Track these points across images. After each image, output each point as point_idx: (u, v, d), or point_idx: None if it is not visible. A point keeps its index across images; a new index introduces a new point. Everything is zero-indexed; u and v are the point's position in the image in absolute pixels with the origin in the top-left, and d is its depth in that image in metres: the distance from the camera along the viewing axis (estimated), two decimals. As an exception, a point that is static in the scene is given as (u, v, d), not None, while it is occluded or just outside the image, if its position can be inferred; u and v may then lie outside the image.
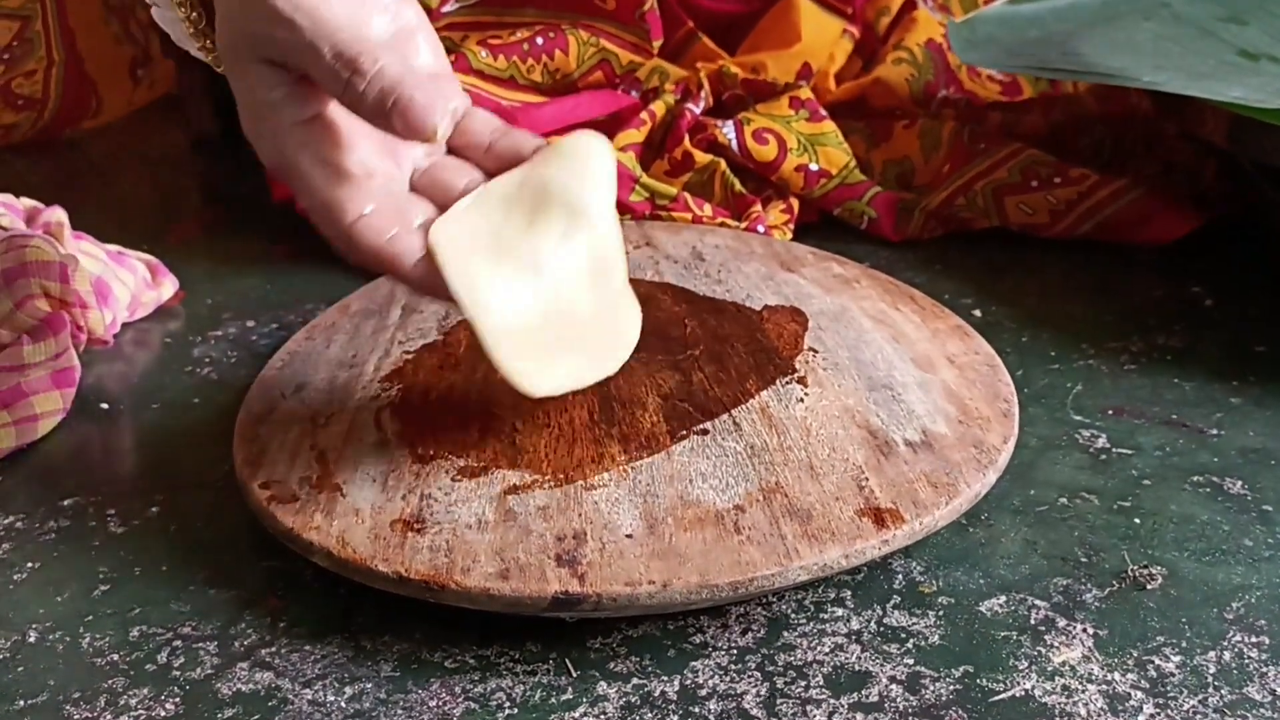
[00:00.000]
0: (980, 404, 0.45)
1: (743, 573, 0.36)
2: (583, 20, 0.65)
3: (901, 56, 0.70)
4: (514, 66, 0.64)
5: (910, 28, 0.75)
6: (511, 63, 0.64)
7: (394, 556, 0.38)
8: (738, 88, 0.71)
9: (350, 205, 0.38)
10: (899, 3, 0.76)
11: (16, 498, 0.47)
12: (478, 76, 0.63)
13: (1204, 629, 0.38)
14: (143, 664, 0.38)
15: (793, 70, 0.73)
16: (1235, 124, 0.54)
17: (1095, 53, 0.60)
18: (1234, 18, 0.64)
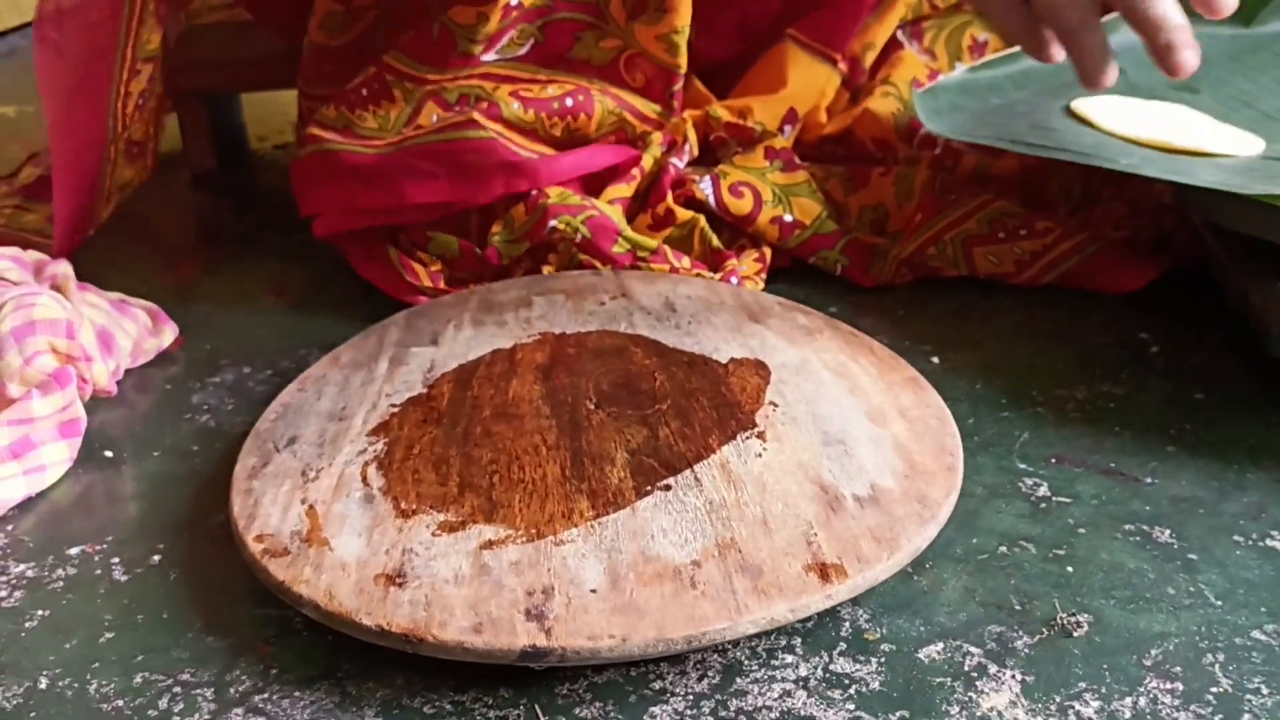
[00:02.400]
0: (927, 458, 0.48)
1: (696, 627, 0.39)
2: (611, 90, 0.68)
3: (889, 90, 0.74)
4: (540, 121, 0.67)
5: (896, 65, 0.78)
6: (539, 117, 0.67)
7: (377, 610, 0.41)
8: (721, 130, 0.74)
9: None
10: (884, 40, 0.79)
11: (27, 546, 0.50)
12: (504, 125, 0.66)
13: (1123, 675, 0.41)
14: (145, 710, 0.41)
15: (779, 115, 0.76)
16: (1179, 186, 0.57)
17: (1066, 129, 0.63)
18: (1185, 86, 0.67)
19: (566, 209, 0.66)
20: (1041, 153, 0.60)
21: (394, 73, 0.67)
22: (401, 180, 0.65)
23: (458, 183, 0.65)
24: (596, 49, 0.69)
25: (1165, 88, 0.73)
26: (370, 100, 0.66)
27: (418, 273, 0.66)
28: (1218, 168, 0.58)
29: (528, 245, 0.66)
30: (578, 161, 0.67)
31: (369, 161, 0.66)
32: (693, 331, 0.59)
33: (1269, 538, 0.47)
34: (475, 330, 0.60)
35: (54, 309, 0.56)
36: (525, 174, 0.65)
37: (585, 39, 0.68)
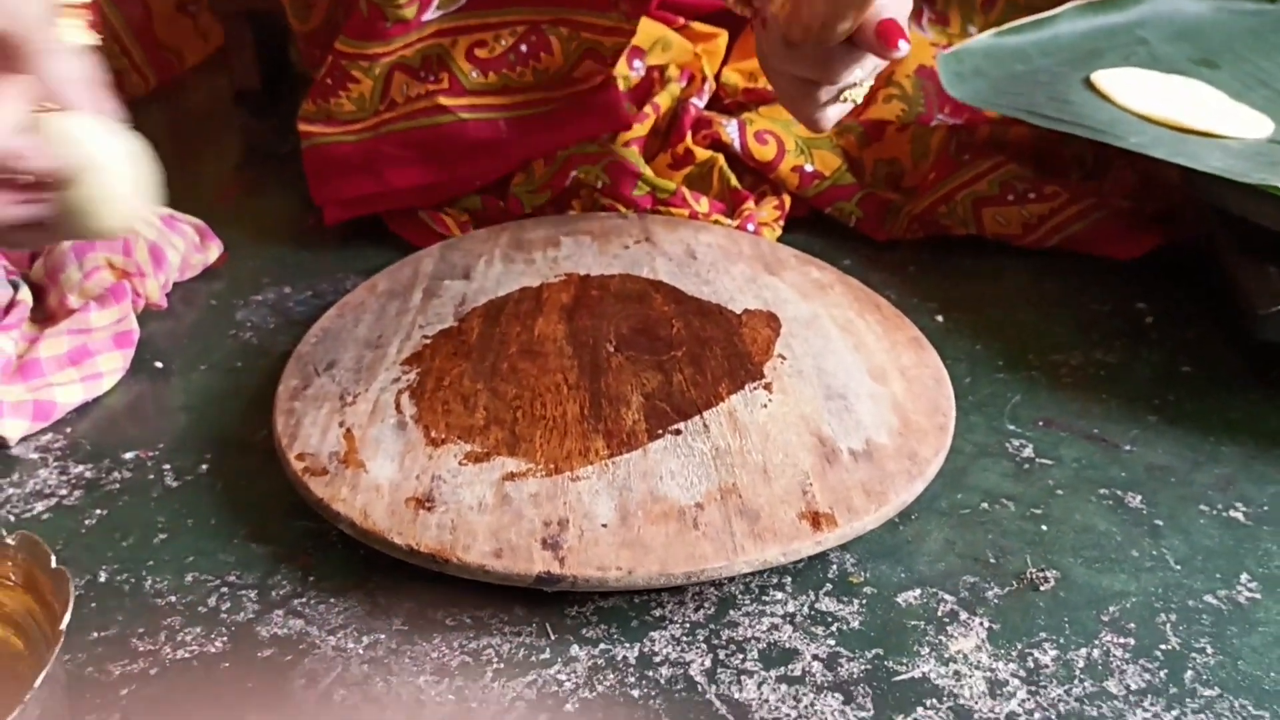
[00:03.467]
0: (921, 417, 0.52)
1: (696, 564, 0.43)
2: (562, 15, 0.67)
3: (891, 93, 0.74)
4: (505, 78, 0.67)
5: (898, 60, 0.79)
6: (502, 75, 0.67)
7: (407, 531, 0.45)
8: (739, 95, 0.76)
9: None
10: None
11: (84, 448, 0.55)
12: (473, 95, 0.67)
13: (1081, 628, 0.45)
14: (195, 606, 0.46)
15: None
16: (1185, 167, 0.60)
17: (1083, 103, 0.65)
18: (1206, 60, 0.69)
19: (585, 158, 0.69)
20: (1057, 126, 0.63)
21: (345, 56, 0.67)
22: (383, 167, 0.67)
23: (435, 168, 0.67)
24: None
25: (1186, 62, 0.75)
26: (337, 87, 0.68)
27: (447, 224, 0.69)
28: (1225, 151, 0.61)
29: (549, 195, 0.69)
30: (552, 139, 0.68)
31: (351, 150, 0.68)
32: (711, 280, 0.62)
33: (1233, 509, 0.51)
34: (505, 267, 0.64)
35: (112, 229, 0.59)
36: (499, 155, 0.67)
37: None
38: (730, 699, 0.42)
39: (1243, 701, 0.42)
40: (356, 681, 0.42)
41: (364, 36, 0.66)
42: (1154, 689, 0.42)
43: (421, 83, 0.67)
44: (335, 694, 0.42)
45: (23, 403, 0.55)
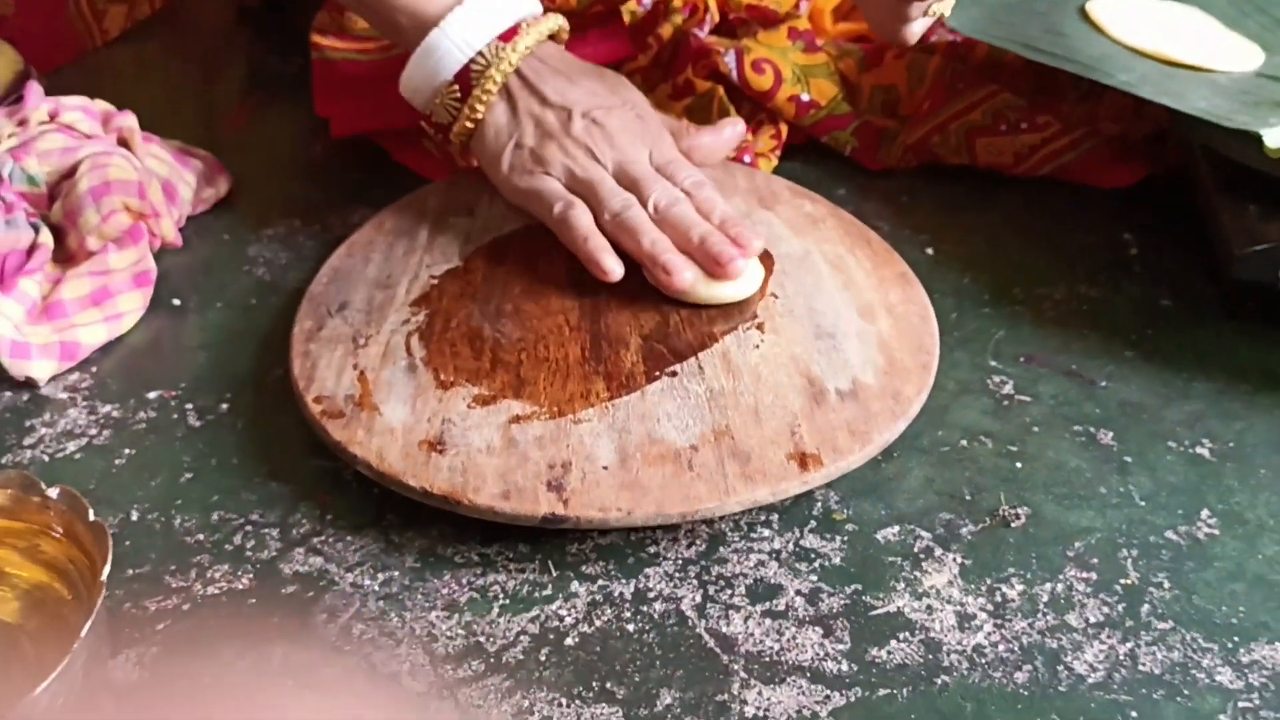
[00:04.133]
0: (906, 356, 0.54)
1: (690, 505, 0.46)
2: None
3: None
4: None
5: None
6: None
7: (420, 473, 0.48)
8: (742, 12, 0.77)
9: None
10: None
11: (110, 388, 0.58)
12: None
13: (1047, 564, 0.48)
14: (222, 544, 0.49)
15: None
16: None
17: (1076, 35, 0.65)
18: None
19: None
20: (1049, 60, 0.64)
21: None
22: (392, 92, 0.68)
23: None
24: None
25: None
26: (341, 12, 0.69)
27: (454, 158, 0.71)
28: (1211, 88, 0.62)
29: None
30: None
31: (363, 70, 0.69)
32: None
33: (1199, 445, 0.54)
34: (507, 204, 0.66)
35: (126, 169, 0.61)
36: None
37: None
38: (718, 633, 0.45)
39: (1194, 634, 0.45)
40: (373, 617, 0.46)
41: None
42: (1111, 622, 0.45)
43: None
44: (354, 629, 0.45)
45: (50, 344, 0.57)
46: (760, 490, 0.47)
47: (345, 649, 0.45)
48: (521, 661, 0.44)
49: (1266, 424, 0.55)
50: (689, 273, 0.55)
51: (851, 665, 0.44)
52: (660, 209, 0.57)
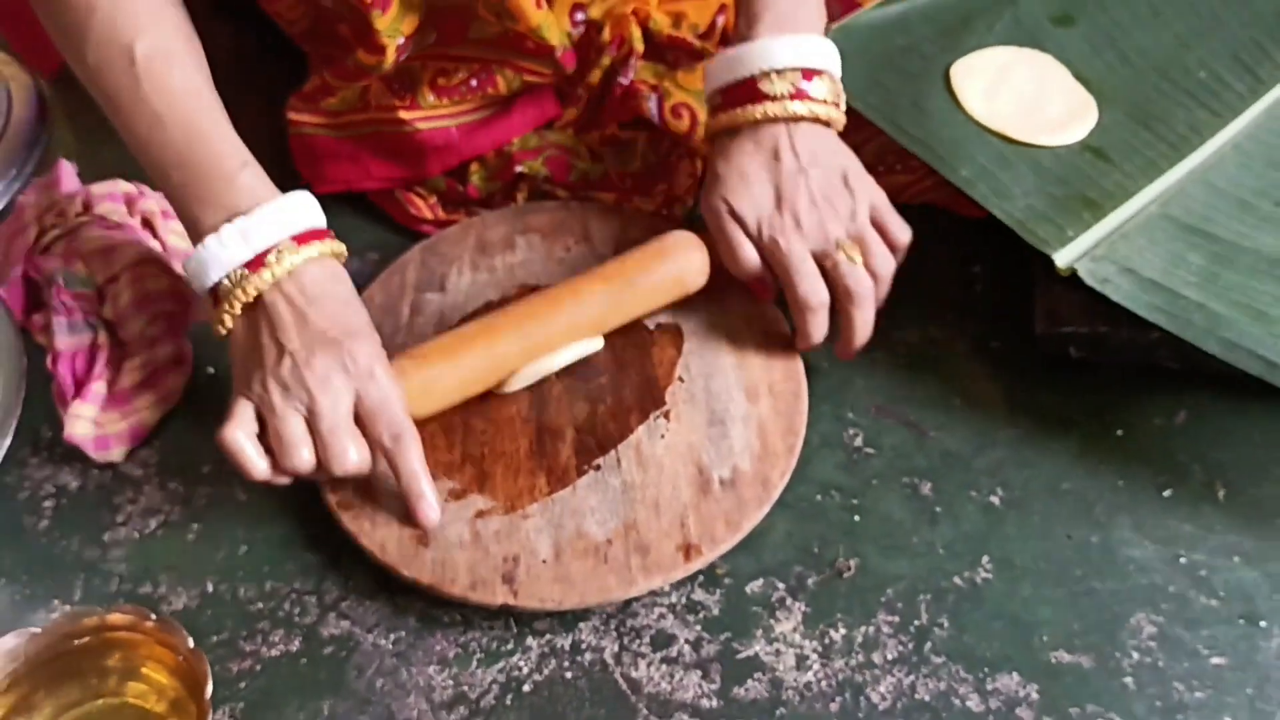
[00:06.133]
0: (777, 439, 0.71)
1: (603, 596, 0.65)
2: (507, 59, 0.80)
3: None
4: (456, 100, 0.81)
5: None
6: (454, 100, 0.81)
7: (412, 565, 0.67)
8: (663, 39, 0.88)
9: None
10: None
11: (172, 464, 0.75)
12: (429, 110, 0.81)
13: (863, 609, 0.67)
14: (275, 611, 0.69)
15: (709, 12, 0.90)
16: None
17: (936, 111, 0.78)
18: (1064, 17, 0.82)
19: (527, 153, 0.84)
20: (908, 143, 0.77)
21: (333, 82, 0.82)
22: (367, 160, 0.82)
23: (404, 165, 0.83)
24: (486, 31, 0.79)
25: (1046, 22, 0.87)
26: (323, 95, 0.82)
27: (419, 206, 0.85)
28: (1038, 174, 0.75)
29: (500, 184, 0.85)
30: (496, 136, 0.83)
31: (335, 143, 0.82)
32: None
33: (994, 494, 0.72)
34: (472, 276, 0.81)
35: (160, 279, 0.77)
36: (453, 150, 0.82)
37: (474, 26, 0.79)
38: (629, 677, 0.65)
39: (957, 667, 0.65)
40: (389, 671, 0.66)
41: (349, 79, 0.80)
42: (903, 659, 0.65)
43: (393, 94, 0.81)
44: (376, 682, 0.65)
45: (121, 431, 0.75)
46: (655, 580, 0.65)
47: (371, 700, 0.65)
48: (494, 706, 0.64)
49: (1050, 471, 0.72)
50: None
51: (720, 701, 0.64)
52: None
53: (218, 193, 0.66)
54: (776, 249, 0.71)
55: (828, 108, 0.73)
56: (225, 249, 0.65)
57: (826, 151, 0.73)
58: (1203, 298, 0.67)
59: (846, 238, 0.71)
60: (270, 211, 0.65)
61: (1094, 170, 0.75)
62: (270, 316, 0.65)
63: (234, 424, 0.64)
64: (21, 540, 0.72)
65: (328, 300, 0.65)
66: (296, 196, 0.67)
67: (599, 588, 0.65)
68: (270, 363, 0.64)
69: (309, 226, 0.67)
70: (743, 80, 0.73)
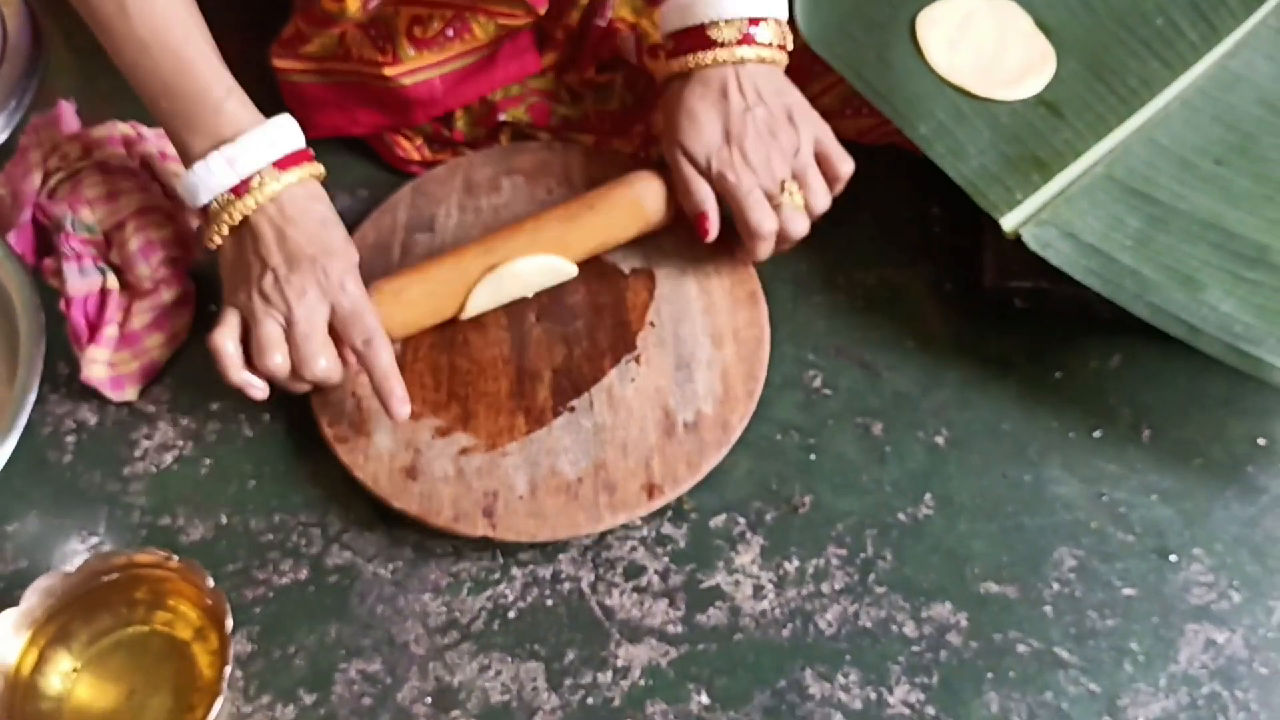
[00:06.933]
0: (738, 385, 0.77)
1: (574, 530, 0.71)
2: (480, 5, 0.81)
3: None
4: (435, 50, 0.83)
5: None
6: (434, 50, 0.83)
7: (401, 496, 0.73)
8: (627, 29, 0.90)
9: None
10: None
11: (183, 401, 0.82)
12: (411, 63, 0.83)
13: (814, 543, 0.75)
14: (284, 543, 0.76)
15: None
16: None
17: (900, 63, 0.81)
18: None
19: (510, 101, 0.87)
20: (872, 96, 0.80)
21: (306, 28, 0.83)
22: (353, 108, 0.85)
23: (390, 114, 0.86)
24: None
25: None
26: (299, 42, 0.84)
27: (406, 148, 0.89)
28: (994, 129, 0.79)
29: (484, 130, 0.88)
30: (479, 88, 0.85)
31: (323, 90, 0.85)
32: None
33: (939, 434, 0.78)
34: (460, 216, 0.85)
35: (164, 226, 0.81)
36: (437, 103, 0.85)
37: None
38: (604, 605, 0.73)
39: (896, 596, 0.72)
40: (388, 598, 0.74)
41: (321, 25, 0.83)
42: (849, 589, 0.73)
43: (373, 46, 0.84)
44: (377, 608, 0.73)
45: (133, 371, 0.81)
46: (620, 516, 0.72)
47: (373, 624, 0.73)
48: (482, 631, 0.72)
49: (990, 412, 0.79)
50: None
51: (685, 627, 0.72)
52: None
53: (205, 120, 0.71)
54: (725, 182, 0.76)
55: (773, 50, 0.77)
56: (212, 175, 0.70)
57: (772, 90, 0.78)
58: (1135, 262, 0.72)
59: (790, 175, 0.77)
60: (253, 139, 0.71)
61: (1046, 126, 0.79)
62: (254, 235, 0.71)
63: (221, 330, 0.72)
64: (47, 474, 0.78)
65: (306, 220, 0.71)
66: (278, 122, 0.72)
67: (569, 523, 0.72)
68: (254, 276, 0.71)
69: (290, 150, 0.72)
70: (692, 28, 0.77)
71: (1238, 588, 0.71)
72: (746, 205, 0.75)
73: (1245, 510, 0.74)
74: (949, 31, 0.84)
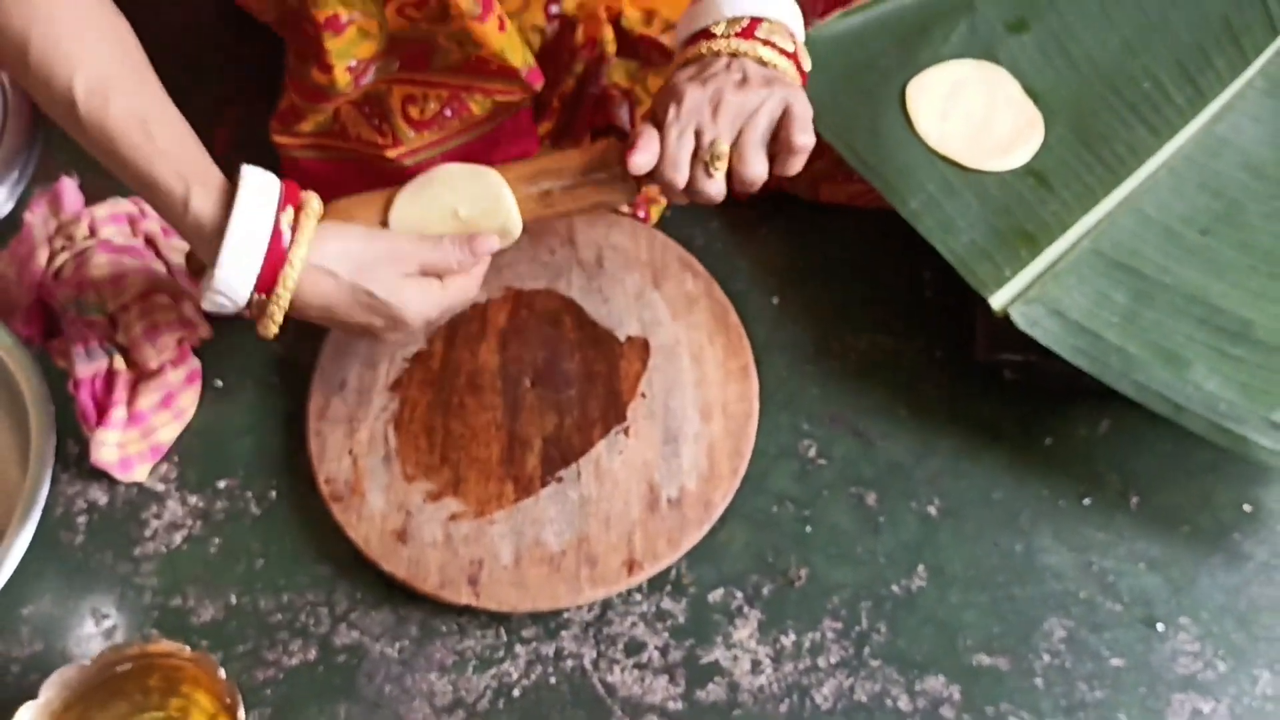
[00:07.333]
0: (723, 462, 0.79)
1: (554, 603, 0.73)
2: (476, 84, 0.82)
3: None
4: (436, 131, 0.84)
5: None
6: (433, 131, 0.84)
7: (390, 560, 0.75)
8: (634, 38, 0.92)
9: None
10: None
11: (190, 478, 0.83)
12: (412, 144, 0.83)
13: (810, 616, 0.76)
14: (292, 622, 0.78)
15: (681, 7, 0.93)
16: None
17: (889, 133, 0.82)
18: (1019, 23, 0.86)
19: None
20: (863, 170, 0.82)
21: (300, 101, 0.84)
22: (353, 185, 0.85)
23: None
24: (450, 59, 0.80)
25: (1001, 28, 0.90)
26: (296, 120, 0.84)
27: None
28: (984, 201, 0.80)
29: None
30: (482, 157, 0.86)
31: (324, 168, 0.86)
32: (609, 297, 0.84)
33: (932, 503, 0.80)
34: (465, 274, 0.87)
35: (168, 310, 0.83)
36: None
37: (435, 58, 0.81)
38: (605, 682, 0.75)
39: (891, 669, 0.74)
40: (395, 678, 0.76)
41: (314, 100, 0.84)
42: (844, 663, 0.75)
43: (369, 125, 0.86)
44: (385, 688, 0.75)
45: (143, 451, 0.82)
46: (599, 591, 0.73)
47: (381, 704, 0.75)
48: (488, 710, 0.74)
49: (982, 480, 0.80)
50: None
51: (685, 704, 0.74)
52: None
53: (178, 222, 0.68)
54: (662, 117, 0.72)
55: (773, 52, 0.73)
56: (221, 298, 0.67)
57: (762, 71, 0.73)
58: (1122, 340, 0.73)
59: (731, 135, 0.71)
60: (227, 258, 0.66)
61: (1034, 198, 0.80)
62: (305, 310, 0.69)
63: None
64: (60, 556, 0.80)
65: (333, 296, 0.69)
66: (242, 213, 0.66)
67: (550, 595, 0.74)
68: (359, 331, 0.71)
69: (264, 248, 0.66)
70: (696, 32, 0.76)
71: (1223, 657, 0.73)
72: (666, 144, 0.71)
73: (1231, 578, 0.76)
74: (938, 101, 0.85)
